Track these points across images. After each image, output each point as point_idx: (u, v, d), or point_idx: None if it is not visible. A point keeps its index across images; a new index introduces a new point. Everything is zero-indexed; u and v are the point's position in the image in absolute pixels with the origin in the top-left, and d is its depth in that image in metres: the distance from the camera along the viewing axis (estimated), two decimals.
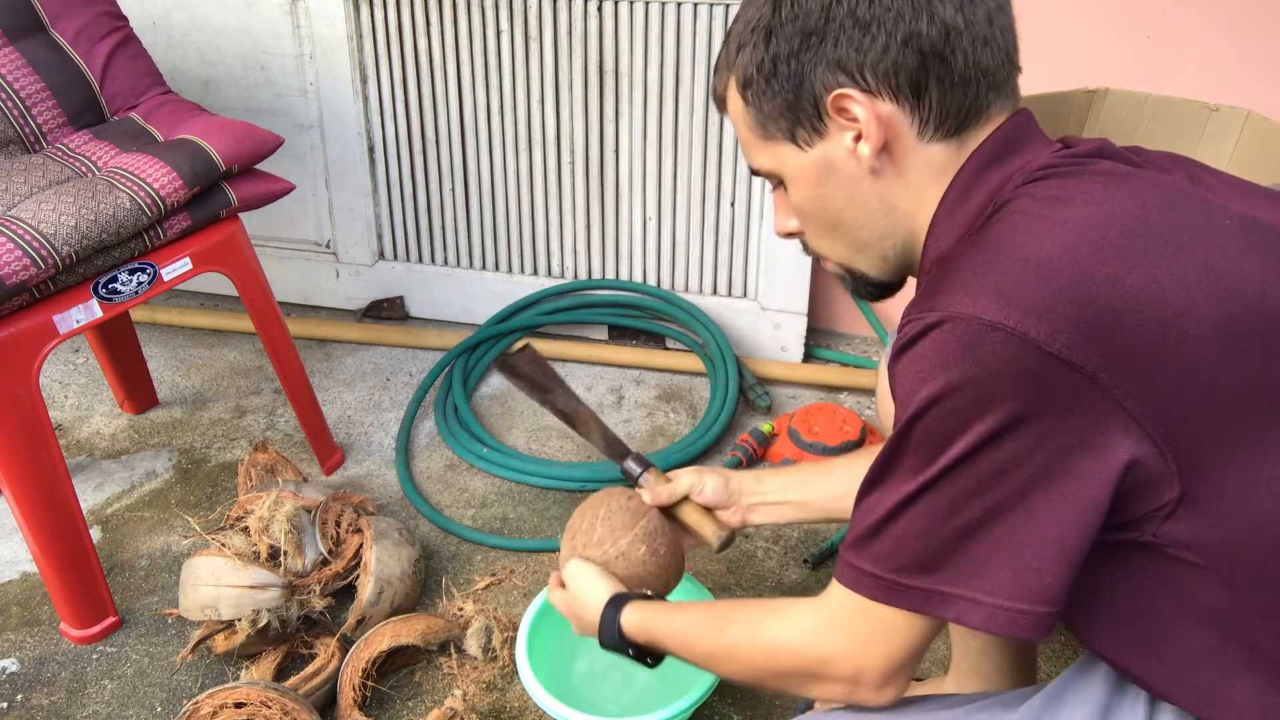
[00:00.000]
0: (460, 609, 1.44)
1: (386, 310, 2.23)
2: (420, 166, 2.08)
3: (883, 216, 0.81)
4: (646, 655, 1.02)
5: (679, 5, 1.80)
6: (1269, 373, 0.65)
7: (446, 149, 2.05)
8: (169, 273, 1.43)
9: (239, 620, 1.31)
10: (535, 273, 2.13)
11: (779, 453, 1.78)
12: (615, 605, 1.02)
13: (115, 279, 1.37)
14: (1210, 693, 0.70)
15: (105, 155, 1.47)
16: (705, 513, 1.17)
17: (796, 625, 0.80)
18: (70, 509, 1.38)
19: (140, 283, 1.40)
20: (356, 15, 1.96)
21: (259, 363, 2.10)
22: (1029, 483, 0.65)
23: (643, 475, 1.20)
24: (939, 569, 0.69)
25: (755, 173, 0.87)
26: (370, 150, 2.09)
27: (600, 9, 1.83)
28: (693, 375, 2.04)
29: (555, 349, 2.07)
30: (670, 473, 1.20)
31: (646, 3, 1.81)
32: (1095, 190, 0.70)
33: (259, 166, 1.53)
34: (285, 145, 1.75)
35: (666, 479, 1.19)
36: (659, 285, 2.07)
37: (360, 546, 1.44)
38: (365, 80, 2.02)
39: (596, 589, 1.07)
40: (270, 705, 1.20)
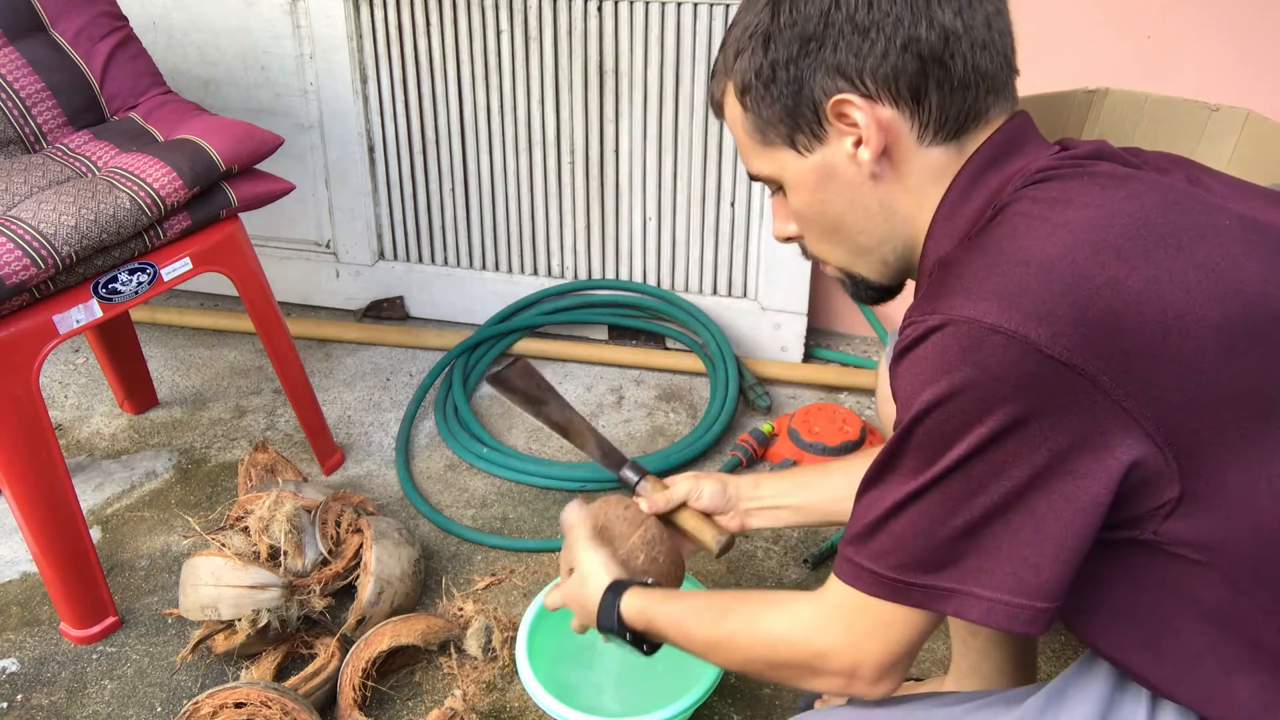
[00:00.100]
0: (460, 609, 1.44)
1: (386, 310, 2.23)
2: (420, 166, 2.08)
3: (883, 221, 0.81)
4: (643, 642, 1.02)
5: (679, 5, 1.80)
6: (1269, 372, 0.65)
7: (446, 149, 2.05)
8: (169, 273, 1.43)
9: (239, 620, 1.31)
10: (535, 273, 2.13)
11: (779, 453, 1.78)
12: (615, 590, 1.02)
13: (115, 279, 1.37)
14: (1211, 689, 0.71)
15: (105, 155, 1.47)
16: (704, 518, 1.17)
17: (795, 618, 0.81)
18: (70, 509, 1.38)
19: (140, 283, 1.40)
20: (356, 15, 1.96)
21: (259, 363, 2.10)
22: (1029, 483, 0.65)
23: (640, 483, 1.20)
24: (937, 566, 0.69)
25: (754, 178, 0.87)
26: (370, 150, 2.09)
27: (600, 9, 1.83)
28: (693, 375, 2.04)
29: (555, 349, 2.08)
30: (667, 479, 1.20)
31: (646, 3, 1.81)
32: (1095, 192, 0.70)
33: (259, 166, 1.53)
34: (285, 145, 1.75)
35: (664, 486, 1.19)
36: (659, 285, 2.07)
37: (360, 546, 1.44)
38: (365, 80, 2.02)
39: (599, 573, 1.07)
40: (270, 705, 1.20)
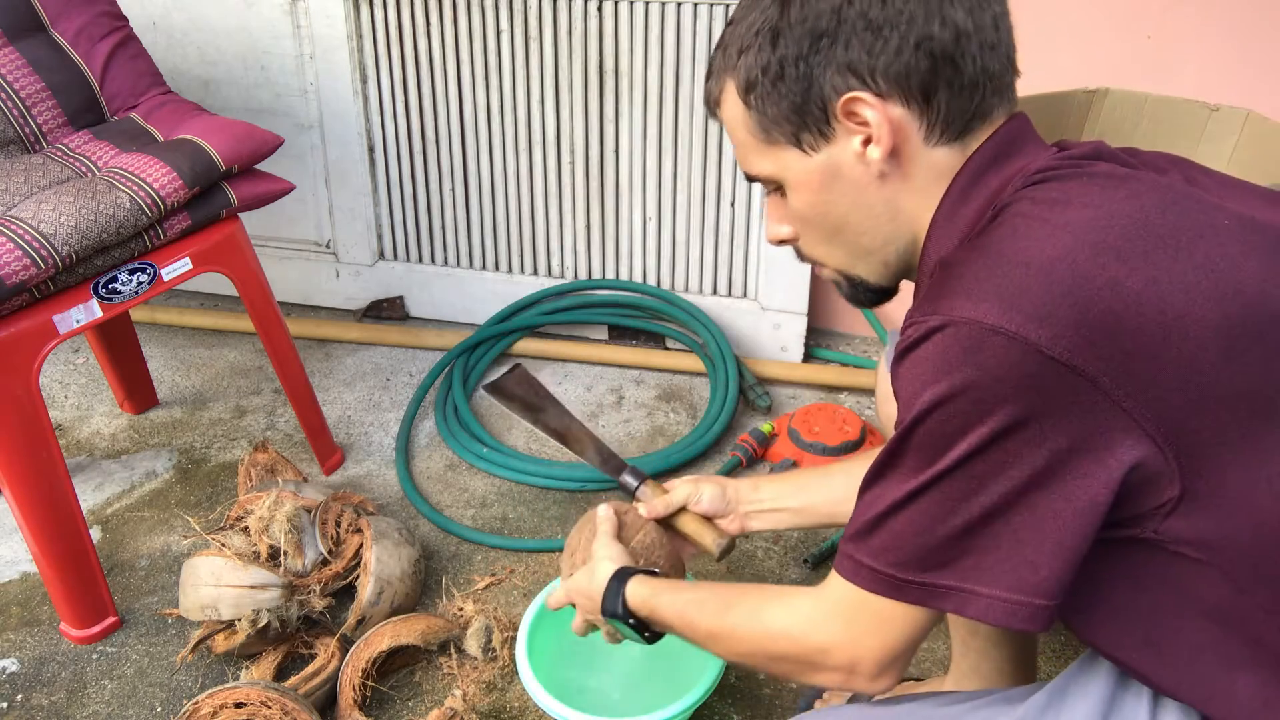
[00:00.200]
0: (460, 609, 1.44)
1: (386, 310, 2.23)
2: (420, 166, 2.08)
3: (887, 221, 0.81)
4: (645, 630, 1.02)
5: (679, 5, 1.80)
6: (1269, 372, 0.65)
7: (446, 149, 2.05)
8: (169, 273, 1.43)
9: (239, 620, 1.31)
10: (535, 273, 2.13)
11: (779, 453, 1.78)
12: (621, 577, 1.03)
13: (115, 279, 1.37)
14: (1212, 687, 0.71)
15: (105, 155, 1.47)
16: (704, 522, 1.17)
17: (796, 613, 0.81)
18: (70, 509, 1.38)
19: (140, 283, 1.40)
20: (356, 15, 1.96)
21: (259, 363, 2.10)
22: (1029, 483, 0.66)
23: (639, 488, 1.20)
24: (937, 564, 0.70)
25: (752, 179, 0.85)
26: (370, 150, 2.09)
27: (600, 9, 1.83)
28: (693, 375, 2.04)
29: (555, 349, 2.08)
30: (666, 483, 1.20)
31: (646, 3, 1.81)
32: (1094, 193, 0.70)
33: (259, 166, 1.53)
34: (285, 145, 1.75)
35: (663, 490, 1.19)
36: (659, 285, 2.07)
37: (360, 546, 1.44)
38: (365, 80, 2.02)
39: (607, 562, 1.07)
40: (270, 705, 1.20)
